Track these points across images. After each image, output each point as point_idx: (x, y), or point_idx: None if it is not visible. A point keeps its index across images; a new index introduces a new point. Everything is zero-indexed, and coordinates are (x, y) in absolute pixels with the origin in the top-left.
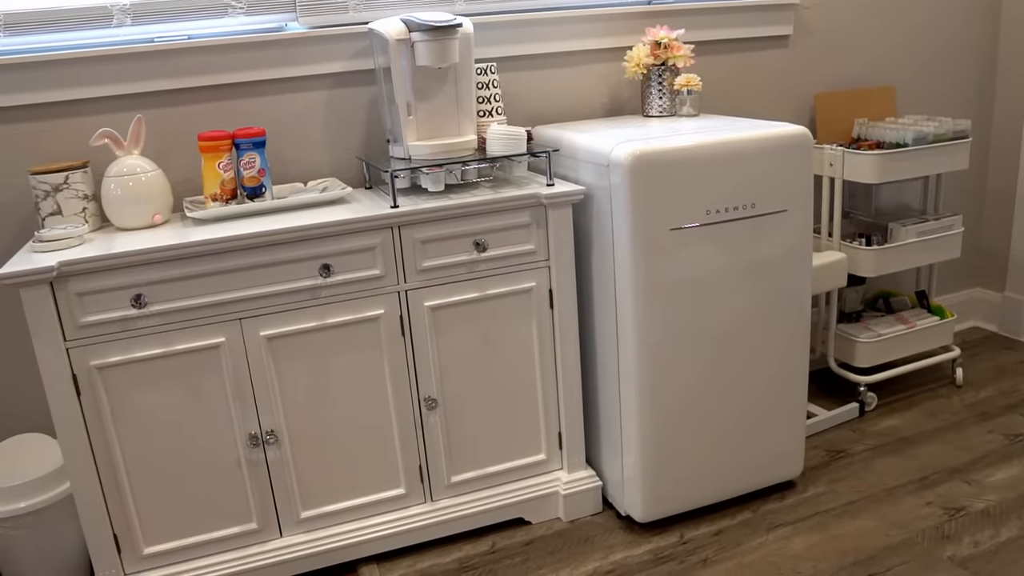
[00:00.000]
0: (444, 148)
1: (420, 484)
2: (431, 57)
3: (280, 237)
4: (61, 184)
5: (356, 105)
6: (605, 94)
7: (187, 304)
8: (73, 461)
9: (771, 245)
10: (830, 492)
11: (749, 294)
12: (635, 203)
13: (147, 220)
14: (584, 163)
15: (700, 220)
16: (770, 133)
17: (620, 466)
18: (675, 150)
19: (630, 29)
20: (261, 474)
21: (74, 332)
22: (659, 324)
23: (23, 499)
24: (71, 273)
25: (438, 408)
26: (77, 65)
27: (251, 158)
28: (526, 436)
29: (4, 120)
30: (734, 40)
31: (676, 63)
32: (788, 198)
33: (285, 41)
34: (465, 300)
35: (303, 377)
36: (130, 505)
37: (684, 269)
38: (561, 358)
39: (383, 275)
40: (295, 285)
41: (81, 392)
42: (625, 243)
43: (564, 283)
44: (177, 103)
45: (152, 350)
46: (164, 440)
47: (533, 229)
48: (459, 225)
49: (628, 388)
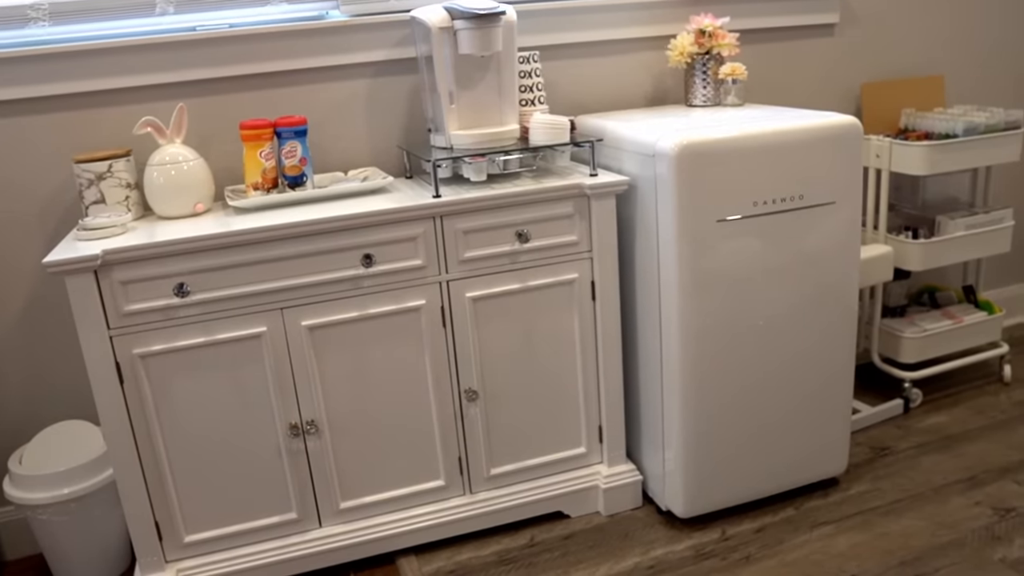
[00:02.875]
0: (487, 137)
1: (459, 476)
2: (474, 45)
3: (323, 227)
4: (105, 172)
5: (397, 94)
6: (648, 83)
7: (229, 293)
8: (116, 449)
9: (818, 238)
10: (875, 490)
11: (795, 287)
12: (681, 194)
13: (189, 209)
14: (628, 153)
15: (747, 212)
16: (819, 123)
17: (661, 460)
18: (722, 140)
19: (674, 17)
20: (301, 464)
21: (118, 320)
22: (703, 317)
23: (66, 486)
24: (115, 261)
25: (478, 400)
26: (120, 54)
27: (292, 147)
28: (566, 429)
29: (49, 109)
30: (779, 28)
31: (721, 52)
32: (836, 190)
33: (326, 29)
34: (507, 291)
35: (344, 367)
36: (172, 493)
37: (729, 261)
38: (603, 351)
39: (425, 265)
40: (337, 275)
41: (124, 380)
42: (670, 235)
43: (607, 275)
44: (219, 91)
45: (194, 339)
46: (205, 429)
47: (576, 220)
48: (501, 215)
49: (671, 381)
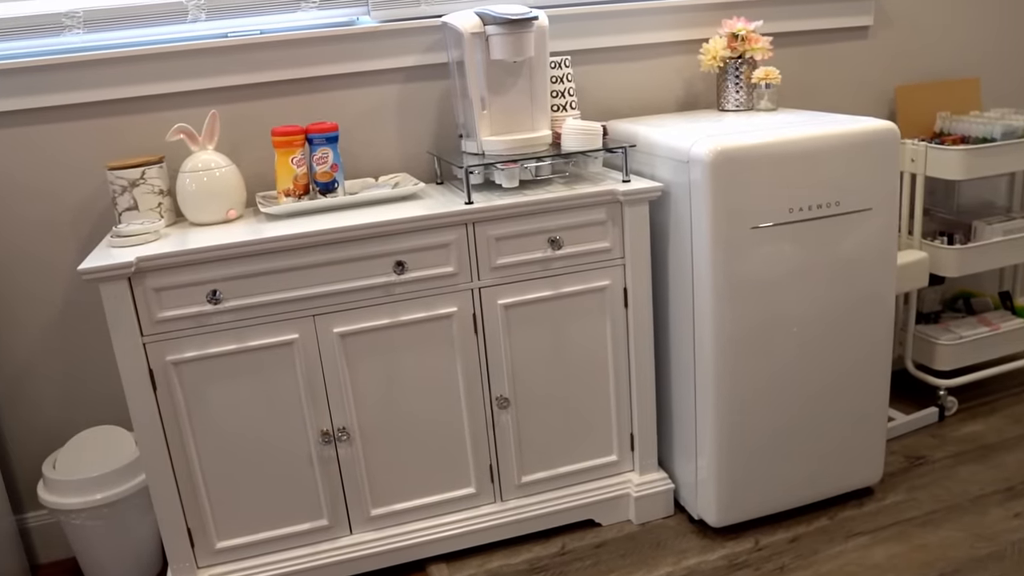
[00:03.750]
0: (518, 143)
1: (490, 484)
2: (506, 51)
3: (355, 233)
4: (138, 179)
5: (427, 99)
6: (679, 88)
7: (261, 300)
8: (149, 455)
9: (854, 244)
10: (911, 500)
11: (830, 294)
12: (716, 200)
13: (221, 215)
14: (661, 159)
15: (782, 219)
16: (856, 128)
17: (694, 469)
18: (758, 146)
19: (706, 21)
20: (332, 471)
21: (151, 327)
22: (737, 324)
23: (99, 491)
24: (149, 268)
25: (510, 407)
26: (153, 61)
27: (324, 153)
28: (597, 437)
29: (83, 116)
30: (811, 31)
31: (754, 56)
32: (873, 196)
33: (357, 35)
34: (539, 298)
35: (375, 374)
36: (204, 499)
37: (764, 268)
38: (635, 358)
39: (457, 272)
40: (369, 282)
41: (157, 387)
42: (704, 241)
43: (639, 281)
44: (250, 98)
45: (227, 346)
46: (237, 435)
47: (608, 226)
48: (534, 222)
49: (704, 389)
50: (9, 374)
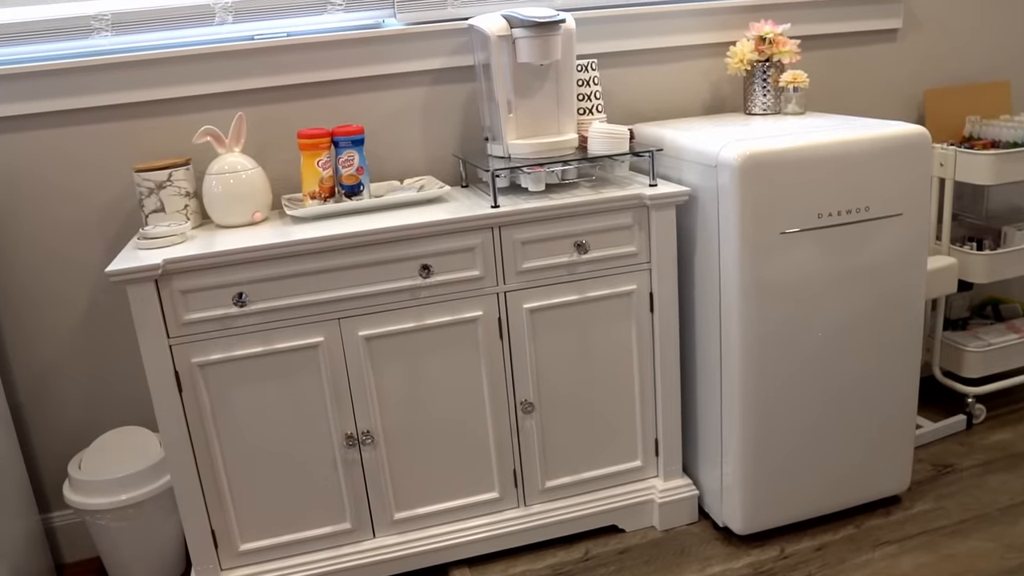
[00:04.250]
0: (545, 147)
1: (514, 488)
2: (533, 54)
3: (381, 237)
4: (164, 181)
5: (453, 102)
6: (706, 91)
7: (287, 303)
8: (174, 457)
9: (884, 250)
10: (939, 509)
11: (859, 300)
12: (744, 206)
13: (247, 218)
14: (688, 163)
15: (811, 224)
16: (886, 133)
17: (719, 475)
18: (787, 151)
19: (733, 24)
20: (356, 474)
21: (177, 329)
22: (765, 330)
23: (124, 492)
24: (175, 271)
25: (534, 412)
26: (180, 63)
27: (350, 156)
28: (622, 442)
29: (110, 118)
30: (839, 34)
31: (781, 59)
32: (904, 202)
33: (383, 38)
34: (564, 303)
35: (400, 378)
36: (228, 501)
37: (793, 274)
38: (660, 363)
39: (482, 276)
40: (395, 285)
41: (183, 389)
42: (732, 247)
43: (665, 286)
44: (276, 100)
45: (252, 348)
46: (262, 438)
47: (635, 231)
48: (560, 226)
49: (730, 395)
50: (35, 374)
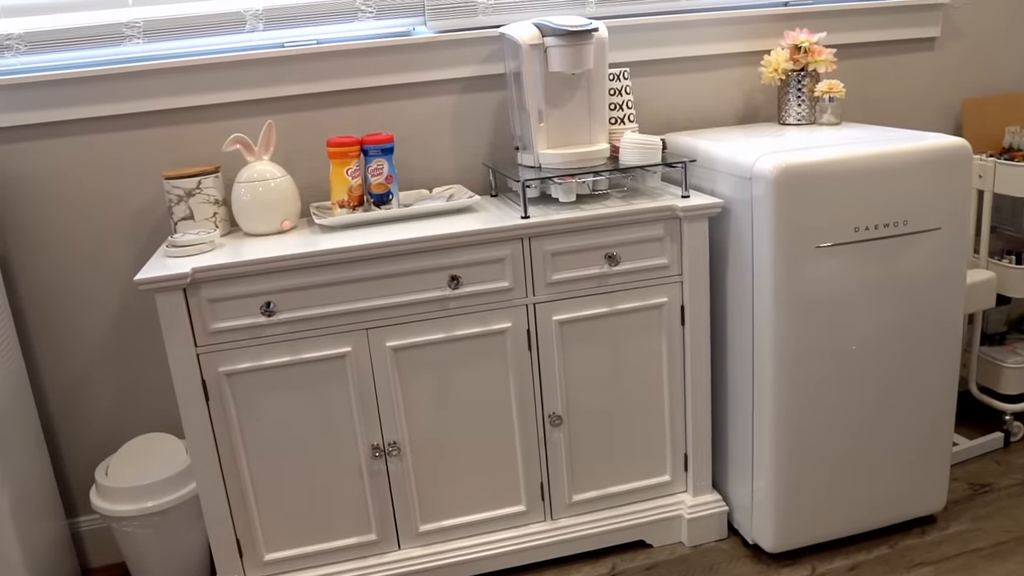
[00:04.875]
0: (576, 157)
1: (541, 502)
2: (565, 63)
3: (410, 247)
4: (194, 189)
5: (483, 111)
6: (739, 100)
7: (315, 313)
8: (200, 465)
9: (922, 265)
10: (976, 530)
11: (895, 315)
12: (780, 218)
13: (276, 226)
14: (722, 174)
15: (847, 238)
16: (925, 145)
17: (749, 491)
18: (824, 163)
19: (767, 32)
20: (382, 485)
21: (205, 338)
22: (799, 344)
23: (151, 499)
24: (204, 280)
25: (562, 425)
26: (211, 71)
27: (379, 164)
28: (651, 456)
29: (141, 125)
30: (875, 43)
31: (817, 68)
32: (942, 215)
33: (414, 46)
34: (594, 315)
35: (427, 389)
36: (253, 511)
37: (829, 288)
38: (691, 377)
39: (512, 288)
40: (423, 296)
41: (210, 398)
42: (766, 260)
43: (697, 299)
44: (306, 108)
45: (280, 358)
46: (288, 447)
47: (667, 242)
48: (591, 237)
49: (762, 409)
50: (65, 378)
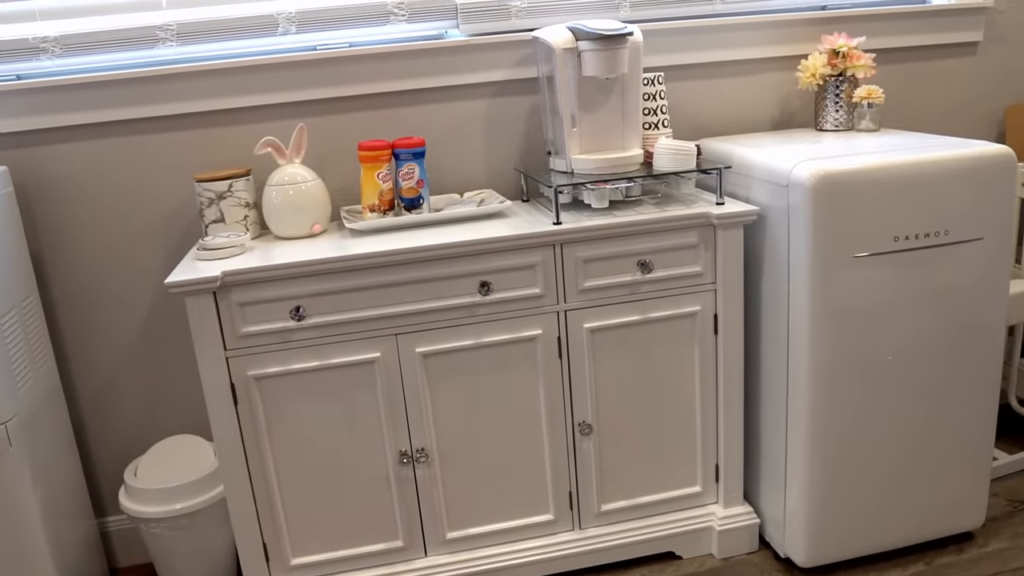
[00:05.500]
0: (609, 163)
1: (569, 511)
2: (599, 67)
3: (441, 252)
4: (225, 192)
5: (515, 115)
6: (775, 105)
7: (345, 318)
8: (228, 469)
9: (963, 276)
10: (1015, 548)
11: (935, 327)
12: (817, 227)
13: (306, 230)
14: (758, 181)
15: (886, 247)
16: (968, 153)
17: (782, 504)
18: (863, 170)
19: (805, 36)
20: (409, 492)
21: (234, 342)
22: (835, 355)
23: (179, 501)
24: (234, 283)
25: (592, 434)
26: (243, 74)
27: (410, 169)
28: (681, 467)
29: (173, 127)
30: (915, 48)
31: (855, 73)
32: (985, 225)
33: (446, 49)
34: (626, 323)
35: (456, 396)
36: (280, 515)
37: (866, 298)
38: (723, 386)
39: (543, 294)
40: (453, 302)
41: (238, 401)
42: (802, 269)
43: (731, 308)
44: (337, 111)
45: (308, 363)
46: (315, 452)
47: (700, 250)
48: (623, 244)
49: (796, 421)
50: (95, 380)
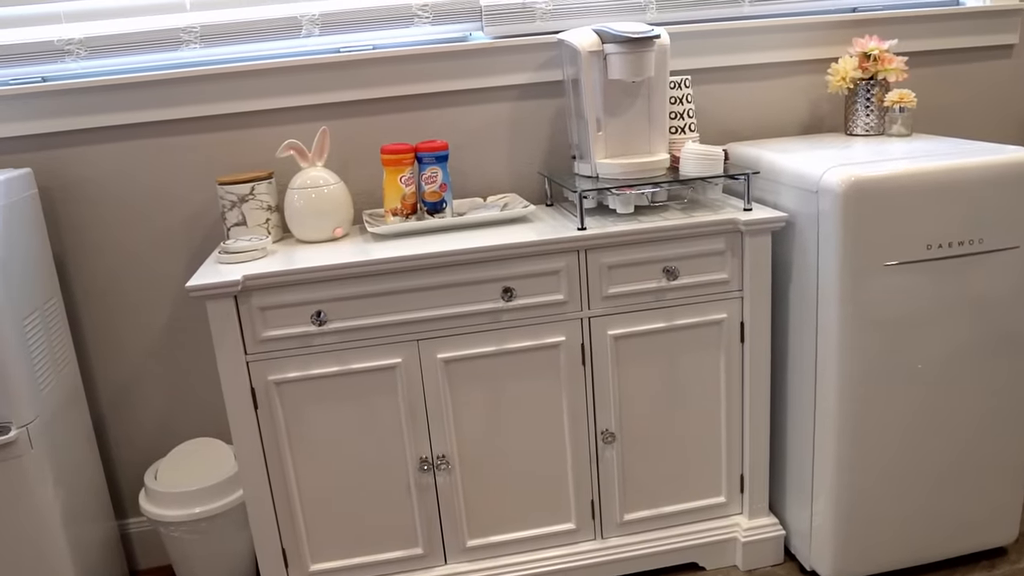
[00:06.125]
0: (635, 167)
1: (591, 520)
2: (625, 70)
3: (463, 258)
4: (247, 195)
5: (540, 118)
6: (804, 109)
7: (366, 323)
8: (248, 474)
9: (998, 285)
10: None
11: (968, 336)
12: (847, 235)
13: (328, 233)
14: (786, 187)
15: (919, 256)
16: (1003, 159)
17: (808, 515)
18: (895, 177)
19: (835, 39)
20: (430, 499)
21: (255, 346)
22: (865, 365)
23: (199, 505)
24: (255, 287)
25: (615, 442)
26: (266, 76)
27: (433, 172)
28: (706, 477)
29: (195, 130)
30: (948, 50)
31: (887, 77)
32: (1021, 233)
33: (470, 51)
34: (651, 330)
35: (478, 403)
36: (299, 520)
37: (897, 307)
38: (749, 396)
39: (567, 301)
40: (476, 307)
41: (259, 406)
42: (832, 277)
43: (758, 316)
44: (360, 114)
45: (329, 368)
46: (335, 458)
47: (727, 257)
48: (649, 250)
49: (824, 431)
50: (117, 382)
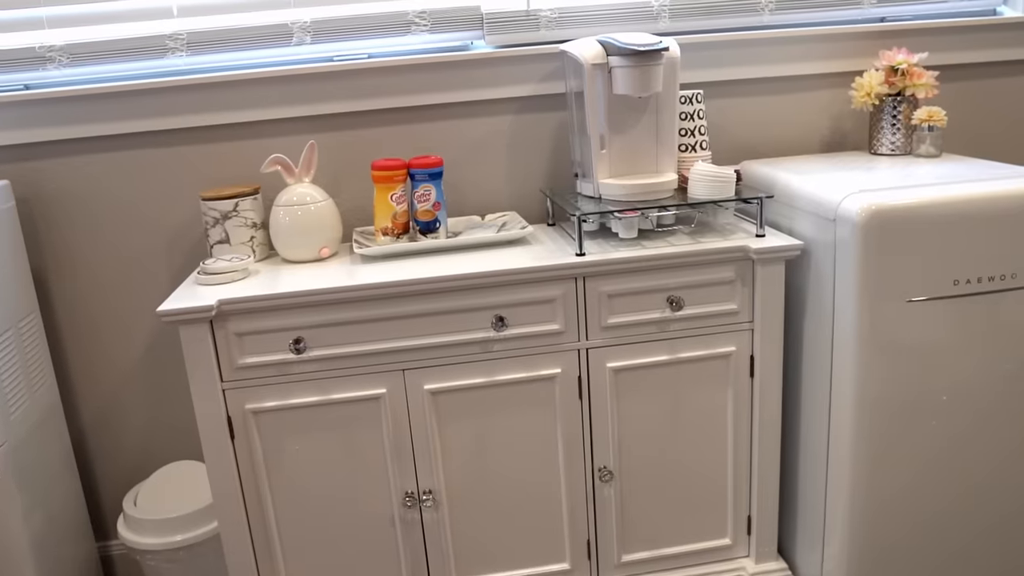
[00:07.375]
0: (640, 189)
1: (587, 561)
2: (631, 85)
3: (453, 284)
4: (230, 211)
5: (541, 132)
6: (825, 126)
7: (349, 351)
8: (223, 506)
9: None
10: None
11: (998, 379)
12: (867, 267)
13: (314, 253)
14: (802, 212)
15: (945, 292)
16: None
17: (819, 560)
18: (921, 205)
19: (860, 51)
20: (415, 536)
21: (231, 373)
22: (883, 403)
23: (178, 532)
24: (231, 312)
25: (613, 480)
26: (254, 86)
27: (426, 190)
28: (710, 517)
29: (181, 141)
30: (982, 64)
31: (915, 93)
32: None
33: (470, 62)
34: (653, 363)
35: (467, 436)
36: (278, 555)
37: (921, 346)
38: (758, 433)
39: (563, 331)
40: (466, 336)
41: (235, 436)
42: (849, 312)
43: (769, 349)
44: (353, 126)
45: (309, 397)
46: (316, 492)
47: (737, 286)
48: (652, 278)
49: (838, 472)
50: (98, 400)
